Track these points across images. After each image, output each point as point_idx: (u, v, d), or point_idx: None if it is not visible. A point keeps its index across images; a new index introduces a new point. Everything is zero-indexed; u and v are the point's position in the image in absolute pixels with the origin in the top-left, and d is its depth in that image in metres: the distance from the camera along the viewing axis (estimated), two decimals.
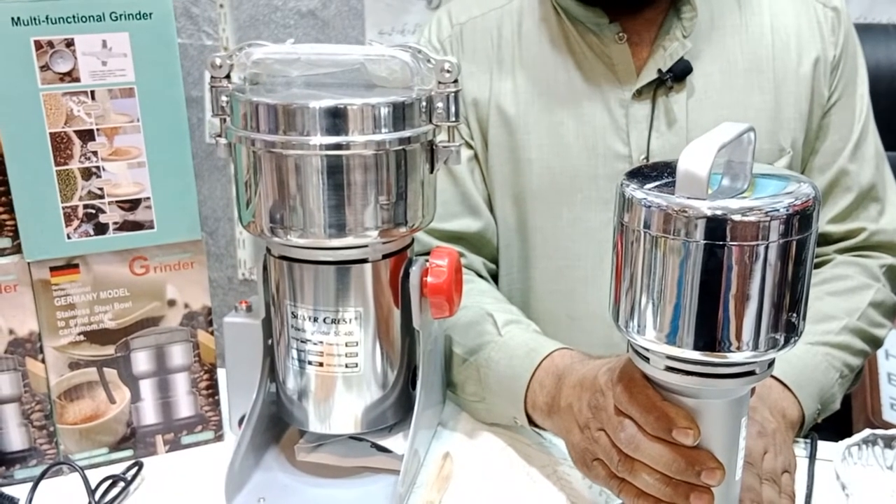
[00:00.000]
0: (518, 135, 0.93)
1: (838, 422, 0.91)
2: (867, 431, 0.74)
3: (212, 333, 0.83)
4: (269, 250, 0.75)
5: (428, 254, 0.77)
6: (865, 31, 1.11)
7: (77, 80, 0.73)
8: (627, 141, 0.91)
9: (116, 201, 0.76)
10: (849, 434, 0.76)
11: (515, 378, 0.80)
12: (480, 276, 0.97)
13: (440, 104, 0.71)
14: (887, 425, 1.28)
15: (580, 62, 0.92)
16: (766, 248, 0.52)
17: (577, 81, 0.92)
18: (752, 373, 0.57)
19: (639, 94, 0.91)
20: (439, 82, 0.71)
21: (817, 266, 0.96)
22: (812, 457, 0.78)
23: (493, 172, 0.96)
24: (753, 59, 0.92)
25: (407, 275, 0.75)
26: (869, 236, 0.95)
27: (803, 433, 0.81)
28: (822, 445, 0.79)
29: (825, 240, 0.97)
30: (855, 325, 0.89)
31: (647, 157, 0.91)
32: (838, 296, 0.91)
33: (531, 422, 0.80)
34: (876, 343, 0.93)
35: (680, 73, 0.89)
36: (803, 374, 0.81)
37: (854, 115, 0.95)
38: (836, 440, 0.76)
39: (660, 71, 0.89)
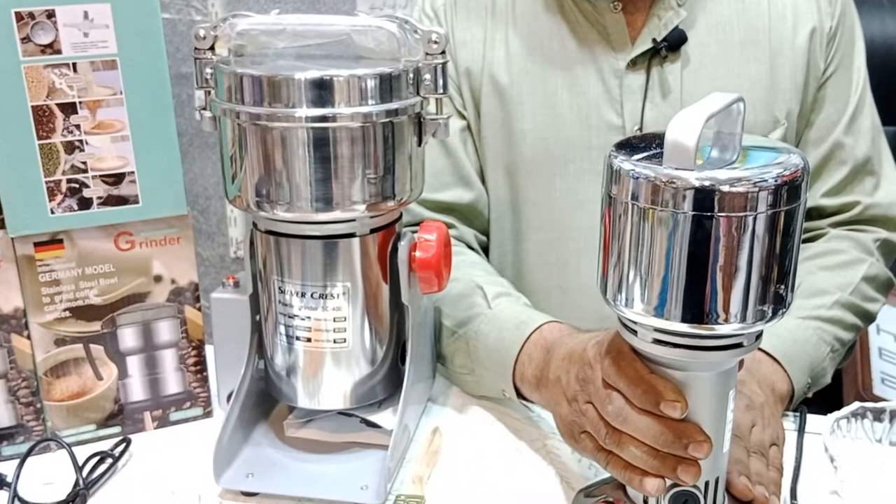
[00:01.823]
0: (511, 105, 0.93)
1: (829, 396, 0.91)
2: (856, 404, 0.73)
3: (199, 309, 0.82)
4: (255, 225, 0.74)
5: (417, 225, 0.76)
6: (860, 4, 1.09)
7: (59, 52, 0.72)
8: (621, 112, 0.90)
9: (100, 175, 0.75)
10: (839, 408, 0.75)
11: (504, 350, 0.80)
12: (471, 248, 0.96)
13: (428, 76, 0.70)
14: (878, 400, 1.28)
15: (574, 30, 0.91)
16: (755, 219, 0.51)
17: (571, 50, 0.91)
18: (739, 345, 0.56)
19: (633, 63, 0.90)
20: (427, 53, 0.70)
21: (811, 240, 0.95)
22: (801, 430, 0.78)
23: (486, 143, 0.95)
24: (749, 29, 0.91)
25: (395, 249, 0.74)
26: (863, 210, 0.95)
27: (793, 407, 0.81)
28: (812, 419, 0.80)
29: (819, 213, 0.96)
30: (847, 300, 0.88)
31: (640, 128, 0.90)
32: (831, 270, 0.90)
33: (519, 394, 0.80)
34: (868, 318, 0.92)
35: (675, 42, 0.88)
36: (793, 348, 0.81)
37: (850, 87, 0.94)
38: (824, 414, 0.76)
39: (654, 40, 0.88)
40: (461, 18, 0.95)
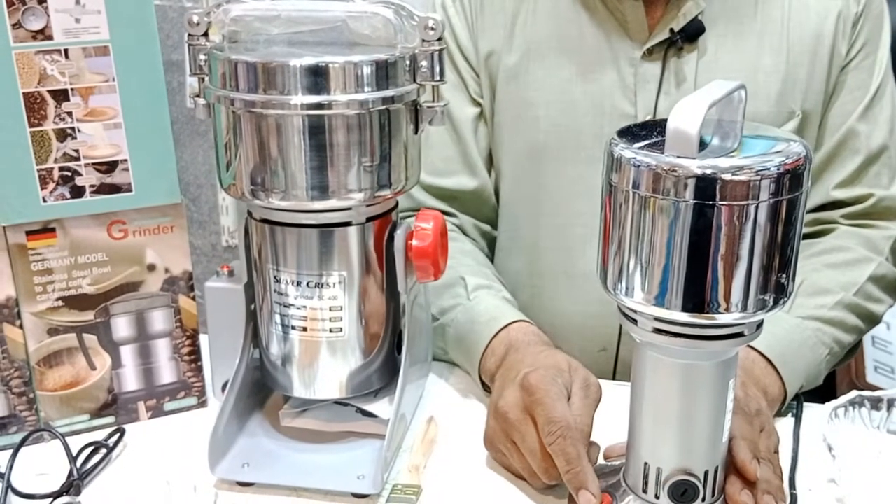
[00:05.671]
0: (527, 91, 0.93)
1: (822, 385, 0.90)
2: (854, 393, 0.74)
3: (193, 299, 0.81)
4: (250, 213, 0.73)
5: (416, 211, 0.76)
6: None
7: (50, 38, 0.71)
8: (634, 101, 0.90)
9: (93, 163, 0.74)
10: (832, 396, 0.75)
11: (473, 343, 0.84)
12: (468, 235, 0.96)
13: (424, 63, 0.69)
14: (871, 388, 1.29)
15: (593, 18, 0.91)
16: (757, 207, 0.51)
17: (588, 38, 0.91)
18: (740, 334, 0.56)
19: (649, 53, 0.89)
20: (423, 40, 0.69)
21: (821, 234, 0.93)
22: (798, 418, 0.78)
23: (501, 128, 0.95)
24: (767, 20, 0.89)
25: (391, 238, 0.74)
26: (877, 202, 0.91)
27: (784, 408, 0.80)
28: (808, 407, 0.79)
29: (832, 206, 0.93)
30: (850, 301, 0.86)
31: (653, 118, 0.89)
32: (836, 268, 0.88)
33: (485, 385, 0.84)
34: (872, 320, 0.89)
35: (692, 33, 0.87)
36: (790, 349, 0.79)
37: (872, 75, 0.92)
38: (820, 402, 0.76)
39: (672, 31, 0.87)
40: (486, 6, 0.95)
